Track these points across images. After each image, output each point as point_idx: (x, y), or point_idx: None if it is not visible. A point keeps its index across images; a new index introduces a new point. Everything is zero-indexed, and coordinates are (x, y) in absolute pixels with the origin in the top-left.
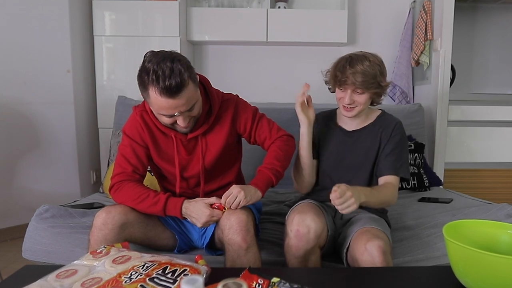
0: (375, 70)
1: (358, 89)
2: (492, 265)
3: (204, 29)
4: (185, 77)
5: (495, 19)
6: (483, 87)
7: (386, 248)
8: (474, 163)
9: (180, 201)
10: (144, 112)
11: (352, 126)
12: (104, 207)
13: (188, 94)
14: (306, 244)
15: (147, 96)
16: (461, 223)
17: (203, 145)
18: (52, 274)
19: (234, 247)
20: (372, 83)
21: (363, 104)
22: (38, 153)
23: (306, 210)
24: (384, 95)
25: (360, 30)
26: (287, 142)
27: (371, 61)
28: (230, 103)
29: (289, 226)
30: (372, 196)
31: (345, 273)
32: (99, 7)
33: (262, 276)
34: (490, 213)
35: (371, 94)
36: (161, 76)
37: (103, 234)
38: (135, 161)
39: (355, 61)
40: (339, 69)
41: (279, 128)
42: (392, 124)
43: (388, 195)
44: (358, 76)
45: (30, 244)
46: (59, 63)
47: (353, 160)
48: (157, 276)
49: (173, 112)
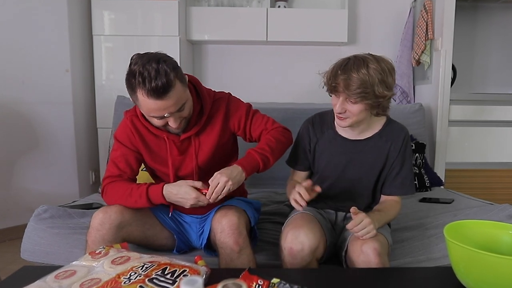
0: (373, 78)
1: (350, 98)
2: (494, 266)
3: (204, 29)
4: (171, 77)
5: (496, 18)
6: (485, 86)
7: (382, 250)
8: (475, 163)
9: (160, 187)
10: (134, 116)
11: (354, 135)
12: (100, 208)
13: (177, 95)
14: (301, 261)
15: (136, 99)
16: (462, 223)
17: (196, 145)
18: (50, 275)
19: (226, 250)
20: (367, 93)
21: (356, 116)
22: (37, 153)
23: (299, 224)
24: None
25: (360, 29)
26: (282, 133)
27: (370, 67)
28: (221, 102)
29: (283, 243)
30: (383, 219)
31: (345, 274)
32: (98, 6)
33: (262, 277)
34: (491, 213)
35: (368, 106)
36: (147, 78)
37: (100, 235)
38: (123, 166)
39: (351, 66)
40: (332, 73)
41: (275, 121)
42: (401, 136)
43: (395, 214)
44: (350, 84)
45: (29, 245)
46: (57, 63)
47: (356, 172)
48: (156, 277)
49: (163, 113)
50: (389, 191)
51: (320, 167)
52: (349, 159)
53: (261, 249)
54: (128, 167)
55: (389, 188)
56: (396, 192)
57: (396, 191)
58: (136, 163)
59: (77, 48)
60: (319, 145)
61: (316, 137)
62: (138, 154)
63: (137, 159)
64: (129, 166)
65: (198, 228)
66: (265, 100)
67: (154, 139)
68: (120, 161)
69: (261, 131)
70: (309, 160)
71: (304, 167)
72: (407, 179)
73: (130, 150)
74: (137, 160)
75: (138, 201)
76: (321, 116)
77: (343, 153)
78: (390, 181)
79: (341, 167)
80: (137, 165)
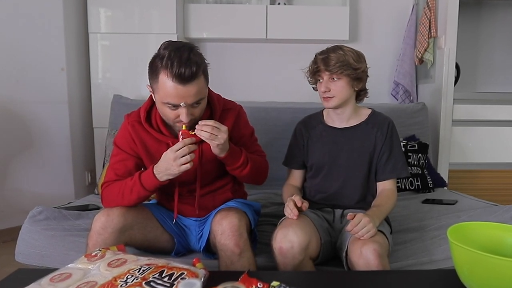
0: (348, 56)
1: (333, 75)
2: (498, 268)
3: (202, 26)
4: (200, 69)
5: (501, 15)
6: (489, 85)
7: (382, 251)
8: (479, 164)
9: (150, 171)
10: (136, 122)
11: (342, 123)
12: (103, 210)
13: (198, 86)
14: (292, 260)
15: (156, 82)
16: (466, 225)
17: (200, 152)
18: (45, 278)
19: (227, 252)
20: (345, 65)
21: (341, 92)
22: (31, 154)
23: (289, 223)
24: (364, 79)
25: (362, 27)
26: (265, 162)
27: (343, 49)
28: (231, 113)
29: (273, 243)
30: (382, 214)
31: (346, 277)
32: (94, 3)
33: (261, 280)
34: (496, 215)
35: (348, 80)
36: (176, 62)
37: (102, 239)
38: (122, 172)
39: (327, 50)
40: (313, 62)
41: (263, 151)
42: (386, 123)
43: (392, 205)
44: (329, 60)
45: (23, 247)
46: (52, 61)
47: (347, 161)
48: (153, 280)
49: (180, 101)
50: (383, 176)
51: (314, 158)
52: (340, 146)
53: (260, 251)
54: (127, 173)
55: (383, 174)
56: (389, 176)
57: (389, 175)
58: (136, 168)
59: (72, 46)
60: (312, 138)
61: (308, 132)
62: (138, 160)
63: (137, 164)
64: (128, 172)
65: (197, 231)
66: (264, 99)
67: (156, 145)
68: (119, 167)
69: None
70: (303, 155)
71: (299, 164)
72: (398, 162)
73: (130, 155)
74: (137, 165)
75: (134, 193)
76: (310, 116)
77: (334, 142)
78: (382, 167)
79: (333, 155)
80: (136, 170)
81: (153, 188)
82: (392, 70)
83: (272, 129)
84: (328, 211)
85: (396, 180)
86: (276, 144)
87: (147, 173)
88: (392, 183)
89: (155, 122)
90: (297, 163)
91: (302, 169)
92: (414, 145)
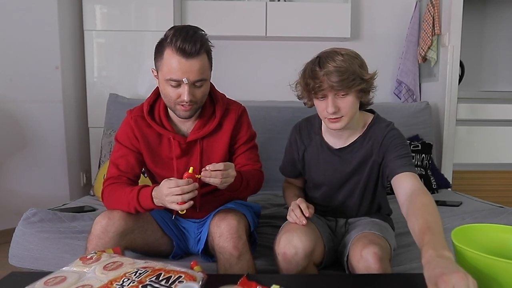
0: (351, 63)
1: (339, 92)
2: (504, 272)
3: (200, 23)
4: (203, 47)
5: (506, 13)
6: (494, 84)
7: (383, 255)
8: (484, 164)
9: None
10: (139, 117)
11: (340, 143)
12: (104, 212)
13: (202, 63)
14: (296, 267)
15: (161, 59)
16: (470, 227)
17: (201, 151)
18: (40, 281)
19: (225, 255)
20: (353, 79)
21: (350, 110)
22: (25, 154)
23: (293, 228)
24: (372, 90)
25: (364, 24)
26: (260, 175)
27: (343, 54)
28: (233, 113)
29: (276, 248)
30: (440, 234)
31: (346, 280)
32: (90, 0)
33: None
34: (502, 217)
35: (357, 94)
36: (181, 38)
37: (103, 243)
38: (124, 167)
39: (324, 59)
40: (309, 76)
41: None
42: (382, 134)
43: (436, 213)
44: (333, 75)
45: (17, 250)
46: (47, 59)
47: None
48: (150, 283)
49: (183, 76)
50: (397, 170)
51: (310, 175)
52: (334, 167)
53: (260, 254)
54: (129, 167)
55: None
56: (404, 168)
57: (404, 167)
58: (138, 163)
59: (67, 44)
60: (308, 152)
61: (304, 144)
62: (139, 155)
63: (138, 159)
64: (130, 167)
65: (196, 234)
66: (264, 98)
67: (158, 140)
68: (121, 162)
69: (247, 164)
70: (299, 169)
71: (296, 175)
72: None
73: (131, 150)
74: (138, 160)
75: (130, 203)
76: (308, 120)
77: (328, 162)
78: (391, 163)
79: (328, 177)
80: (139, 165)
81: (149, 209)
82: (394, 69)
83: (272, 128)
84: (330, 219)
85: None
86: (276, 144)
87: (146, 192)
88: (414, 178)
89: (158, 116)
90: (294, 173)
91: (300, 178)
92: (418, 145)
